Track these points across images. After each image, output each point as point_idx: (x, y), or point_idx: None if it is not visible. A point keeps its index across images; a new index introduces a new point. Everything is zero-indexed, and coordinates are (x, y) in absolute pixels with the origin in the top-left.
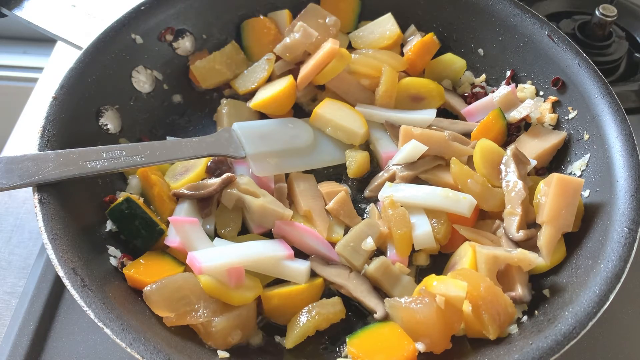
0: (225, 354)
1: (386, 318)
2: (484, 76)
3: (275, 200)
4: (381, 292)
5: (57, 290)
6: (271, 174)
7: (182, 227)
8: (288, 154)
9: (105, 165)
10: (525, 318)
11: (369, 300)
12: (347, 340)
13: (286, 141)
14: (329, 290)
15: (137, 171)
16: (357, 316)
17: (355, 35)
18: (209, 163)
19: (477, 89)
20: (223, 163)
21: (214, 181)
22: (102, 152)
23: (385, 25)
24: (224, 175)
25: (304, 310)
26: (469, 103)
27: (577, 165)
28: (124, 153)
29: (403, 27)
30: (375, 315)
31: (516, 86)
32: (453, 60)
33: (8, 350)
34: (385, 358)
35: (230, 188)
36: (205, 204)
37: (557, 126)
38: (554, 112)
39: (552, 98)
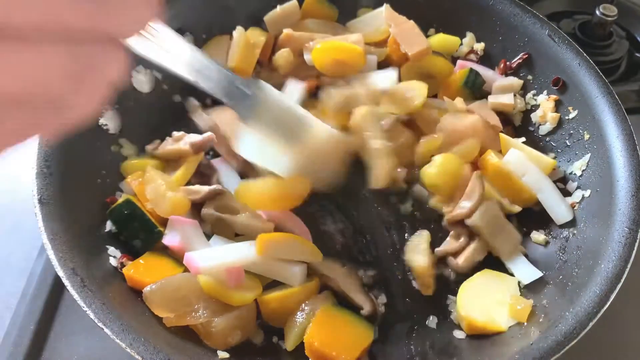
0: (225, 354)
1: (373, 315)
2: (482, 44)
3: (255, 215)
4: None
5: (57, 290)
6: (242, 157)
7: (182, 228)
8: (276, 146)
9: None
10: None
11: (356, 296)
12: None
13: (291, 134)
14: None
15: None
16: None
17: (353, 26)
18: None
19: (472, 56)
20: (208, 167)
21: (203, 189)
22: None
23: (380, 19)
24: (210, 188)
25: (298, 311)
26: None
27: (578, 165)
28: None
29: None
30: (362, 312)
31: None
32: (445, 41)
33: (8, 350)
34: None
35: (211, 204)
36: (199, 208)
37: (557, 125)
38: (556, 111)
39: (554, 97)
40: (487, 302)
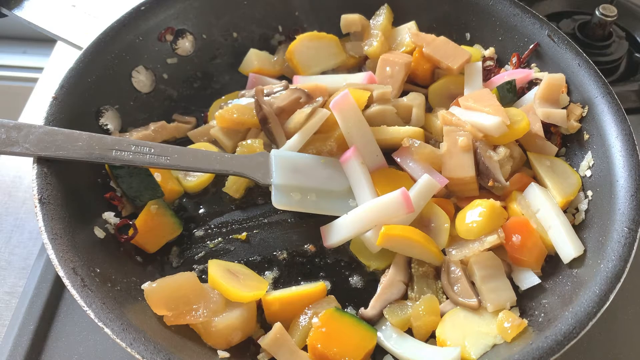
0: (225, 354)
1: (374, 318)
2: (492, 49)
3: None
4: None
5: (57, 290)
6: (289, 209)
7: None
8: (315, 193)
9: (129, 158)
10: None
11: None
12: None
13: (318, 180)
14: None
15: None
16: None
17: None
18: None
19: (488, 63)
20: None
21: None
22: (131, 145)
23: (405, 34)
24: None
25: (302, 314)
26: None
27: (584, 166)
28: (152, 151)
29: (401, 24)
30: (362, 311)
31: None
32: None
33: (8, 350)
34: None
35: None
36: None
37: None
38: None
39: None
40: (468, 331)
